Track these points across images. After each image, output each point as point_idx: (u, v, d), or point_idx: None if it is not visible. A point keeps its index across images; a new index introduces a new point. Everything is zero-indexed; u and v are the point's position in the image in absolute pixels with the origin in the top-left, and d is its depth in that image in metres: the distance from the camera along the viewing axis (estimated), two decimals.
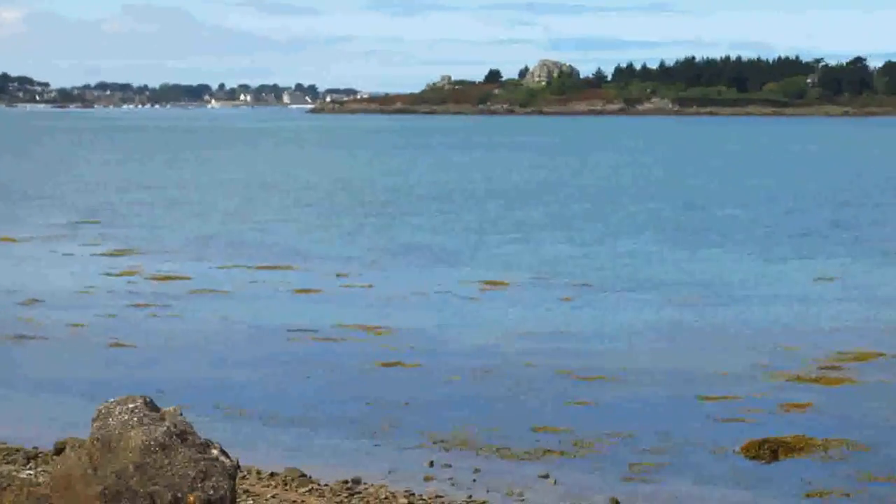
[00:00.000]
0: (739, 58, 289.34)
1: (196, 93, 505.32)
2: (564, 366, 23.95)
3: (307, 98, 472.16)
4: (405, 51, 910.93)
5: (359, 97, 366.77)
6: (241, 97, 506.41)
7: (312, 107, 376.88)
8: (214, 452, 11.41)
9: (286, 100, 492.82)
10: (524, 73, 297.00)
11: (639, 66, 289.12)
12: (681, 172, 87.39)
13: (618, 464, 17.78)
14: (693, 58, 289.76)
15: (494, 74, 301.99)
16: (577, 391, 22.06)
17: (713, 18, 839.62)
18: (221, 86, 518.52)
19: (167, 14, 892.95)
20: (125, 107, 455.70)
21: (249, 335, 27.28)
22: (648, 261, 39.64)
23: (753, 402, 21.10)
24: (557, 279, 35.46)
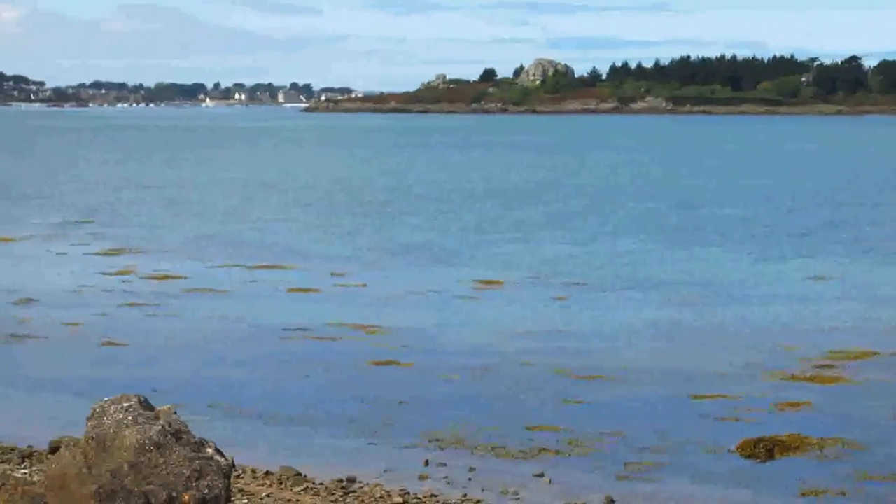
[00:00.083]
0: (735, 57, 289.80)
1: (191, 92, 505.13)
2: (560, 365, 23.94)
3: (302, 97, 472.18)
4: (404, 50, 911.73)
5: (353, 96, 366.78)
6: (236, 96, 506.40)
7: (307, 105, 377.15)
8: (209, 451, 11.40)
9: (281, 99, 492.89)
10: (519, 72, 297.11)
11: (637, 66, 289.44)
12: (678, 172, 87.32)
13: (613, 463, 17.77)
14: (688, 57, 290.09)
15: (489, 73, 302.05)
16: (573, 390, 22.06)
17: (710, 18, 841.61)
18: (217, 85, 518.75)
19: (164, 13, 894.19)
20: (120, 106, 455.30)
21: (245, 334, 27.26)
22: (645, 260, 39.64)
23: (749, 401, 21.09)
24: (553, 278, 35.45)
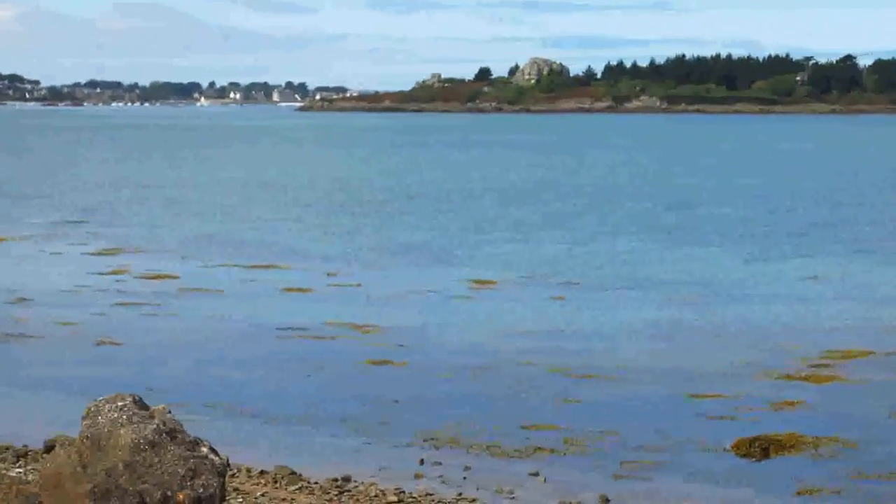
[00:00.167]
0: (730, 56, 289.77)
1: (186, 91, 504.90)
2: (556, 364, 23.93)
3: (297, 96, 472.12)
4: (402, 49, 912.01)
5: (348, 95, 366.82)
6: (231, 95, 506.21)
7: (301, 105, 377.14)
8: (204, 450, 11.38)
9: (276, 98, 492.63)
10: (514, 71, 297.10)
11: (633, 65, 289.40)
12: (674, 171, 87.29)
13: (609, 461, 17.76)
14: (683, 56, 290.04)
15: (484, 72, 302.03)
16: (568, 389, 22.05)
17: (706, 17, 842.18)
18: (212, 84, 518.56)
19: (161, 12, 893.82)
20: (115, 105, 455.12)
21: (239, 334, 27.22)
22: (643, 260, 39.61)
23: (745, 400, 21.09)
24: (550, 278, 35.42)
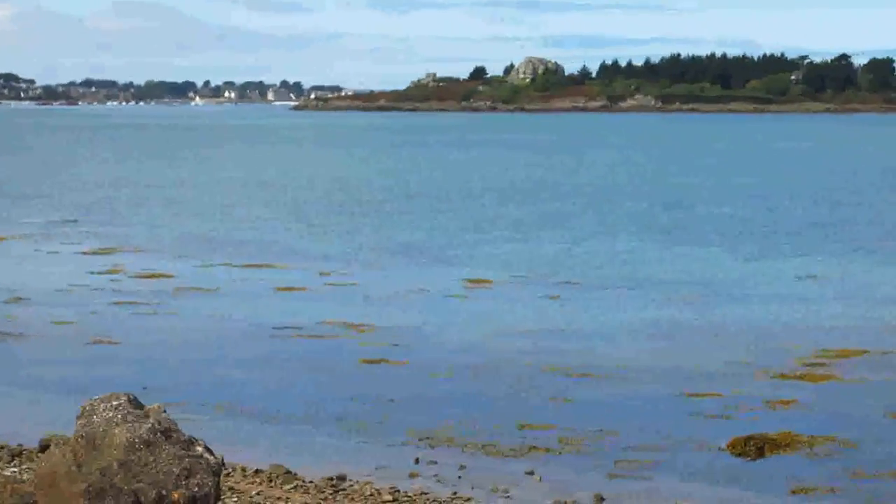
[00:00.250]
0: (724, 55, 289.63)
1: (181, 90, 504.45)
2: (552, 363, 23.93)
3: (292, 95, 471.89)
4: (401, 49, 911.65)
5: (343, 94, 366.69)
6: (226, 94, 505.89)
7: (296, 104, 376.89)
8: (199, 450, 11.37)
9: (271, 97, 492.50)
10: (509, 70, 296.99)
11: (627, 64, 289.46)
12: (671, 170, 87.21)
13: (604, 460, 17.77)
14: (678, 55, 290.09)
15: (479, 71, 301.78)
16: (563, 388, 22.05)
17: (701, 16, 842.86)
18: (207, 83, 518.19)
19: (157, 11, 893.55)
20: (109, 104, 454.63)
21: (235, 333, 27.21)
22: (640, 259, 39.58)
23: (740, 399, 21.10)
24: (547, 277, 35.41)
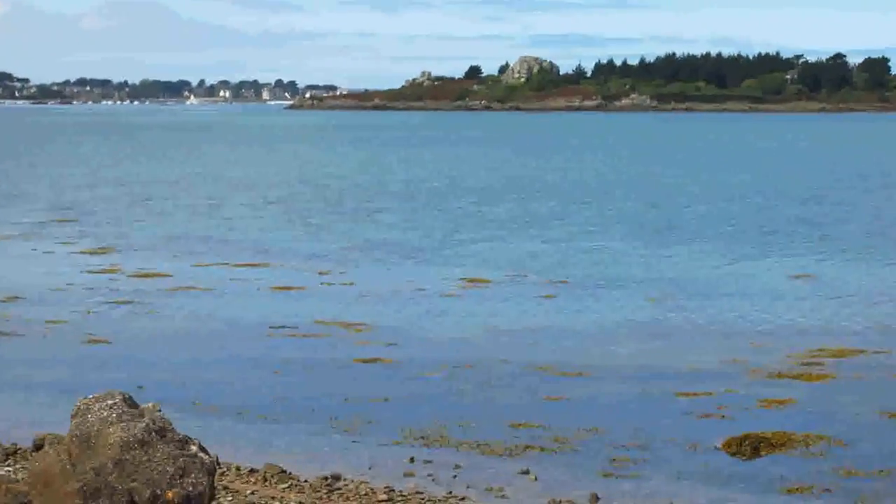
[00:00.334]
0: (719, 54, 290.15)
1: (176, 89, 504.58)
2: (545, 362, 23.94)
3: (287, 94, 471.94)
4: (390, 47, 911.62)
5: (338, 93, 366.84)
6: (221, 93, 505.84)
7: (291, 103, 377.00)
8: (193, 449, 11.37)
9: (265, 96, 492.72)
10: (504, 70, 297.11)
11: (622, 63, 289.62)
12: (665, 170, 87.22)
13: (598, 459, 17.77)
14: (673, 54, 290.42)
15: (474, 70, 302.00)
16: (558, 387, 22.06)
17: (696, 15, 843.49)
18: (201, 82, 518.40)
19: (150, 9, 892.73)
20: (104, 103, 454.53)
21: (229, 332, 27.20)
22: (631, 258, 39.58)
23: (734, 399, 21.11)
24: (539, 276, 35.44)
